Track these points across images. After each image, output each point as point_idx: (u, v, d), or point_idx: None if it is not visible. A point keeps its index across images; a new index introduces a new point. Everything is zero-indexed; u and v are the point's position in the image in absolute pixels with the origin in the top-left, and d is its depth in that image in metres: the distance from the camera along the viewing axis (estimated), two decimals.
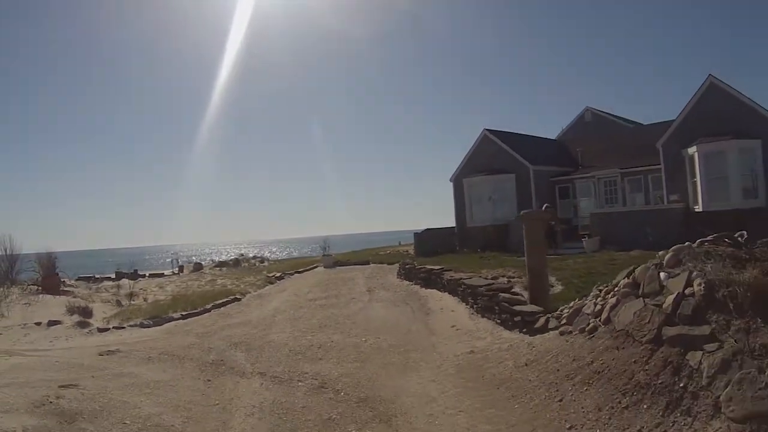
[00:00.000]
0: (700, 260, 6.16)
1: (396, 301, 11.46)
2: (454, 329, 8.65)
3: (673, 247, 6.46)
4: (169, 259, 31.69)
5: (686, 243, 6.89)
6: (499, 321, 8.36)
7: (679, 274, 5.84)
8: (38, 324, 11.14)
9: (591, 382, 5.11)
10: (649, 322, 5.45)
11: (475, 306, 9.50)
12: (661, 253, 6.55)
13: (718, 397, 4.41)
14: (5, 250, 18.45)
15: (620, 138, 27.56)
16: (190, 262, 26.95)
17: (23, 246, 19.25)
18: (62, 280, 18.05)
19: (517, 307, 8.01)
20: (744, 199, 19.40)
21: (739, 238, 7.37)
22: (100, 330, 10.72)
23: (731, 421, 4.18)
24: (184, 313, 11.96)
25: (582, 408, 4.79)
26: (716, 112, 19.80)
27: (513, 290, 9.44)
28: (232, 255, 32.78)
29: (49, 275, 16.48)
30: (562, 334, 6.55)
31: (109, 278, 21.96)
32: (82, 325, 11.12)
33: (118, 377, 7.18)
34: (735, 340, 4.89)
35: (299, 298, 13.31)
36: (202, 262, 26.74)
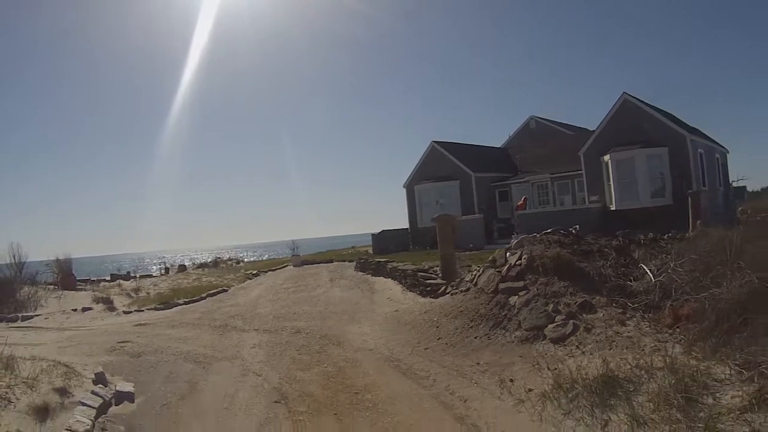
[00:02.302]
0: (534, 244, 9.81)
1: (351, 286, 14.96)
2: (388, 300, 12.23)
3: (520, 237, 10.10)
4: (155, 265, 34.38)
5: (532, 234, 10.57)
6: (418, 292, 11.97)
7: (517, 252, 9.48)
8: (75, 310, 14.24)
9: (456, 316, 8.70)
10: (493, 281, 9.07)
11: (405, 284, 13.14)
12: (512, 240, 10.17)
13: (520, 319, 7.99)
14: (14, 257, 21.10)
15: (557, 145, 30.68)
16: (173, 265, 29.96)
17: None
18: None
19: (429, 281, 11.71)
20: (652, 198, 23.12)
21: (572, 230, 11.11)
22: (126, 312, 13.94)
23: (524, 330, 7.75)
24: (185, 300, 15.17)
25: (447, 329, 8.37)
26: (629, 125, 23.47)
27: (435, 272, 13.03)
28: (204, 259, 35.52)
29: (67, 275, 19.43)
30: (451, 295, 10.15)
31: (104, 280, 24.78)
32: (110, 309, 14.32)
33: (156, 336, 10.47)
34: (536, 289, 8.51)
35: (275, 288, 16.63)
36: (185, 264, 29.85)
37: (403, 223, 30.21)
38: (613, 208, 23.79)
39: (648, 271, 8.92)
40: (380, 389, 6.50)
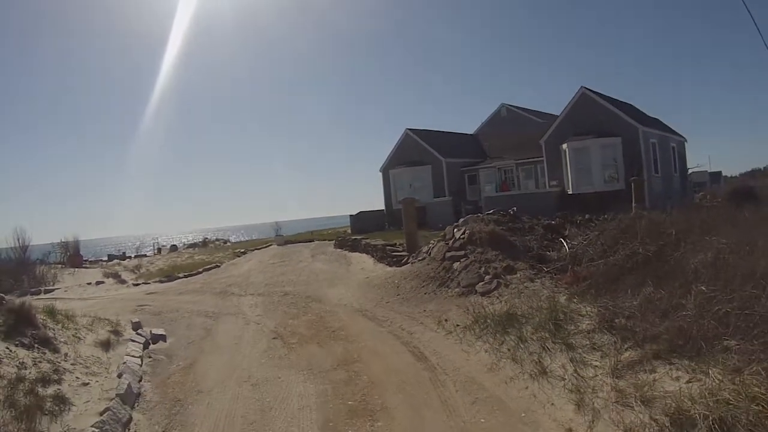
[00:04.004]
0: (476, 222, 12.15)
1: (330, 260, 17.27)
2: (361, 269, 14.58)
3: (465, 217, 12.45)
4: (145, 247, 36.11)
5: (476, 214, 12.93)
6: (386, 263, 14.34)
7: (462, 228, 11.82)
8: (89, 284, 16.28)
9: (413, 279, 11.05)
10: (442, 251, 11.41)
11: (376, 257, 15.52)
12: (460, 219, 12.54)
13: (459, 279, 10.34)
14: (19, 240, 22.83)
15: (525, 132, 32.60)
16: (164, 246, 31.96)
17: None
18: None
19: (395, 253, 14.09)
20: (605, 183, 25.52)
21: (510, 212, 13.47)
22: (135, 284, 16.05)
23: (462, 287, 10.09)
24: (185, 274, 17.29)
25: (405, 288, 10.73)
26: (586, 116, 25.77)
27: (402, 246, 15.37)
28: (193, 240, 37.41)
29: (75, 255, 21.39)
30: (411, 263, 12.51)
31: (101, 260, 26.70)
32: (120, 282, 16.42)
33: (168, 300, 12.66)
34: (474, 257, 10.86)
35: (263, 263, 18.83)
36: (176, 245, 31.89)
37: (380, 204, 32.36)
38: (570, 191, 26.05)
39: (565, 244, 11.34)
40: (350, 328, 8.84)
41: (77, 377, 6.45)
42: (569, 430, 4.93)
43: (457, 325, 8.30)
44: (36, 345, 6.90)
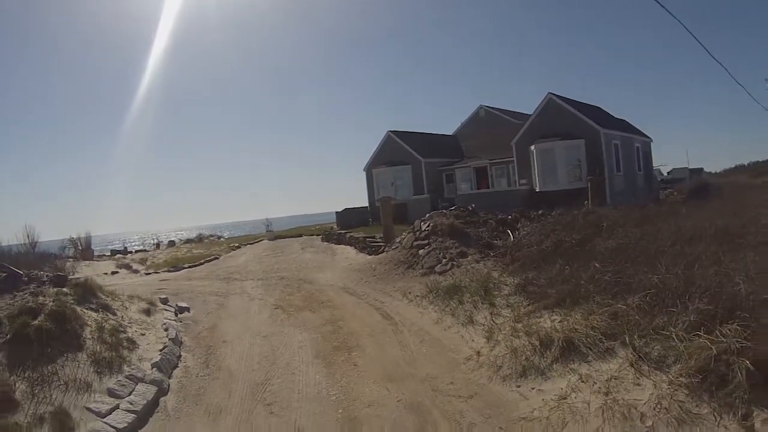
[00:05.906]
0: (439, 216, 14.69)
1: (318, 251, 19.75)
2: (345, 258, 17.10)
3: (431, 213, 15.01)
4: (146, 243, 38.06)
5: (441, 210, 15.48)
6: (366, 252, 16.88)
7: (427, 221, 14.36)
8: (105, 273, 18.53)
9: (387, 263, 13.59)
10: (410, 241, 13.94)
11: (358, 247, 18.09)
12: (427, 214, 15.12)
13: (423, 263, 12.87)
14: (28, 237, 24.77)
15: (501, 133, 34.29)
16: (162, 242, 34.15)
17: None
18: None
19: (374, 244, 16.66)
20: (570, 182, 28.07)
21: (469, 207, 16.03)
22: (147, 273, 18.37)
23: (425, 269, 12.65)
24: (189, 264, 19.63)
25: (380, 271, 13.27)
26: (553, 120, 28.22)
27: (381, 238, 17.88)
28: (187, 236, 39.47)
29: (86, 249, 23.58)
30: (386, 251, 15.04)
31: (105, 255, 28.81)
32: (133, 272, 18.73)
33: (181, 285, 15.03)
34: (435, 245, 13.40)
35: (258, 255, 21.23)
36: (174, 240, 34.12)
37: (364, 201, 34.67)
38: (537, 190, 28.53)
39: (511, 234, 13.92)
40: (336, 301, 11.36)
41: (136, 330, 8.88)
42: (478, 352, 7.47)
43: (417, 296, 10.83)
44: (100, 309, 9.28)
